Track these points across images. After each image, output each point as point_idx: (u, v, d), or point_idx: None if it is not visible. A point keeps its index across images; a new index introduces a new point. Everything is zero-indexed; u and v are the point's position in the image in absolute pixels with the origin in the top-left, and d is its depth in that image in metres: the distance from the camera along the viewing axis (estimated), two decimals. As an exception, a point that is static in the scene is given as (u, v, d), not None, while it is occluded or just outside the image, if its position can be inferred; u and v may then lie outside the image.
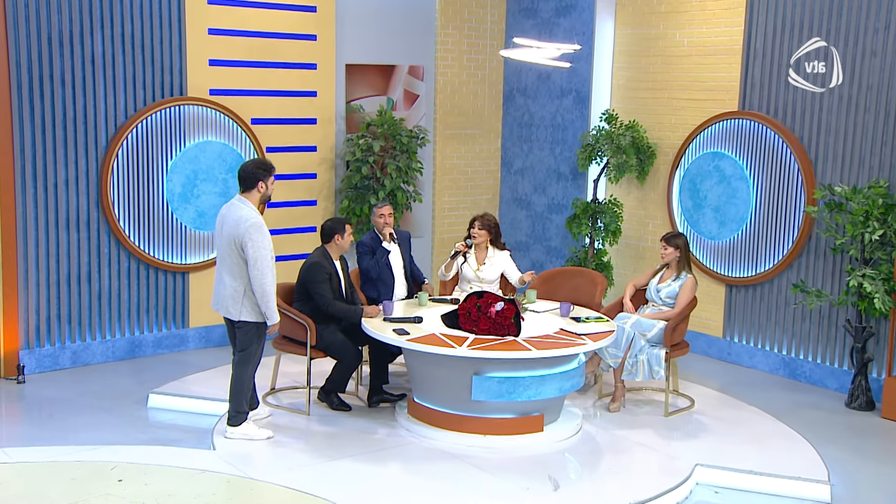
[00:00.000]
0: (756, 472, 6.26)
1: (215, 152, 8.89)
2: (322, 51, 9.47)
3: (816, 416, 7.68)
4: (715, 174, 9.08)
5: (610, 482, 6.15)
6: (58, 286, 8.28)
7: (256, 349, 6.53)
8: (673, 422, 7.25)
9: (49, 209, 8.16)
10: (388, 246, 7.71)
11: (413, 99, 10.29)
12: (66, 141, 8.16)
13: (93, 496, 5.46)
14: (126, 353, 8.73)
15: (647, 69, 9.68)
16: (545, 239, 10.68)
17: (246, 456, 6.35)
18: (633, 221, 9.88)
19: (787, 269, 8.63)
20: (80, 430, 6.91)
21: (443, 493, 5.86)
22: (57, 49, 8.00)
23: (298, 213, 9.54)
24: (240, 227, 6.25)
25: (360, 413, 7.23)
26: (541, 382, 6.56)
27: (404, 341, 6.54)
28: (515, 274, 8.01)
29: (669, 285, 7.58)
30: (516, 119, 10.88)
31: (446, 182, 10.67)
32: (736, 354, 9.07)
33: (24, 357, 8.17)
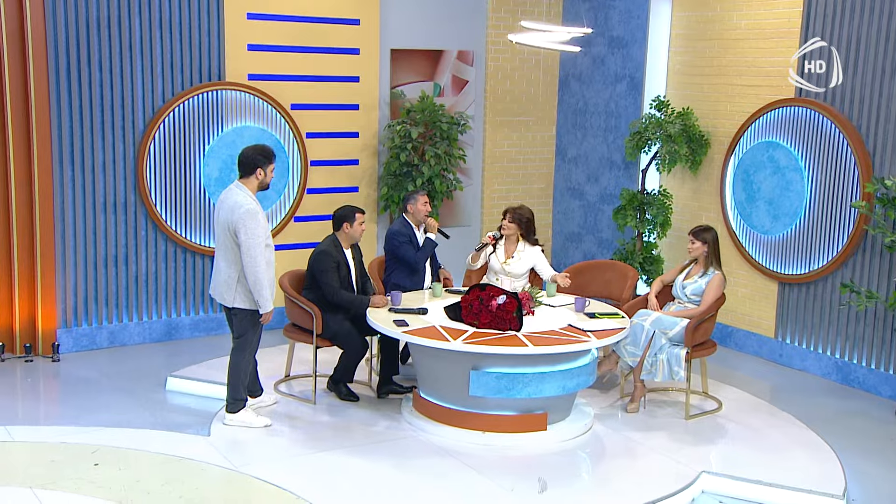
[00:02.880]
0: (764, 482, 5.88)
1: (253, 137, 8.87)
2: (365, 36, 9.35)
3: (860, 425, 7.20)
4: (769, 165, 8.60)
5: (601, 487, 5.87)
6: (95, 267, 8.42)
7: (252, 336, 6.48)
8: (692, 426, 6.88)
9: (87, 192, 8.29)
10: (434, 237, 7.55)
11: (462, 85, 10.09)
12: (103, 125, 8.27)
13: (64, 479, 5.49)
14: (163, 336, 8.82)
15: (703, 53, 9.23)
16: (597, 230, 10.34)
17: (237, 443, 6.31)
18: (687, 213, 9.45)
19: (842, 267, 8.11)
20: (94, 410, 7.00)
21: (422, 490, 5.68)
22: (95, 34, 8.10)
23: (340, 199, 9.43)
24: (234, 213, 6.19)
25: (367, 404, 7.11)
26: (541, 380, 6.31)
27: (400, 333, 6.38)
28: (548, 272, 7.72)
29: (696, 282, 7.20)
30: (571, 106, 10.55)
31: (496, 170, 10.43)
32: (787, 356, 8.59)
33: (61, 336, 8.34)
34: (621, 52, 9.86)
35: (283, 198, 9.13)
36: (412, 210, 7.55)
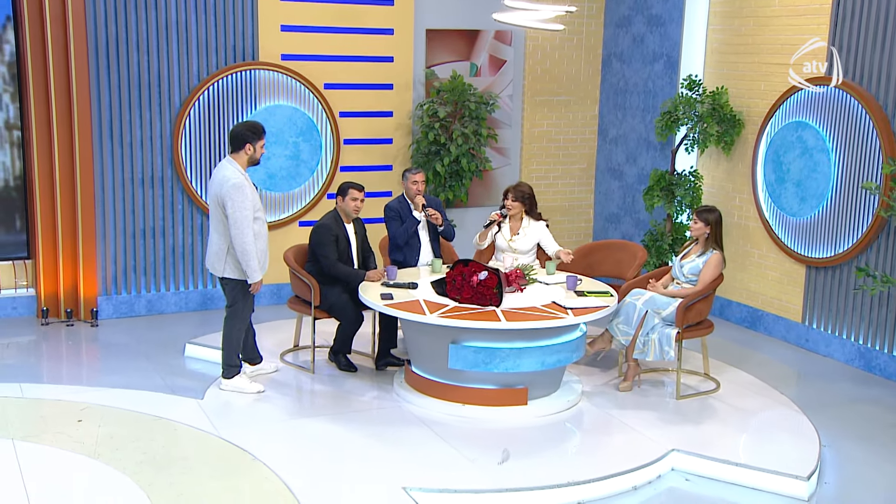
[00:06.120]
0: (732, 462, 5.83)
1: (286, 116, 9.16)
2: (400, 16, 9.51)
3: (868, 412, 7.03)
4: (798, 145, 8.40)
5: (561, 460, 5.91)
6: (133, 239, 8.86)
7: (243, 305, 6.74)
8: (681, 405, 6.84)
9: (125, 167, 8.72)
10: (418, 216, 7.69)
11: (499, 65, 10.14)
12: (140, 103, 8.68)
13: (47, 432, 5.88)
14: (198, 305, 9.22)
15: (738, 31, 9.05)
16: (634, 211, 10.26)
17: (225, 406, 6.60)
18: (722, 195, 9.30)
19: (866, 251, 7.88)
20: (110, 372, 7.41)
21: (383, 458, 5.83)
22: (132, 15, 8.50)
23: (375, 177, 9.66)
24: (223, 186, 6.46)
25: (363, 375, 7.31)
26: (518, 355, 6.38)
27: (382, 305, 6.55)
28: (552, 246, 7.76)
29: (693, 261, 7.13)
30: (612, 85, 10.48)
31: (534, 150, 10.45)
32: (813, 342, 8.40)
33: (101, 303, 8.83)
34: (659, 31, 9.75)
35: (315, 174, 9.39)
36: (405, 187, 7.70)
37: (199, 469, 5.52)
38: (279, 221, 9.26)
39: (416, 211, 7.70)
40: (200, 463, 5.61)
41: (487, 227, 7.82)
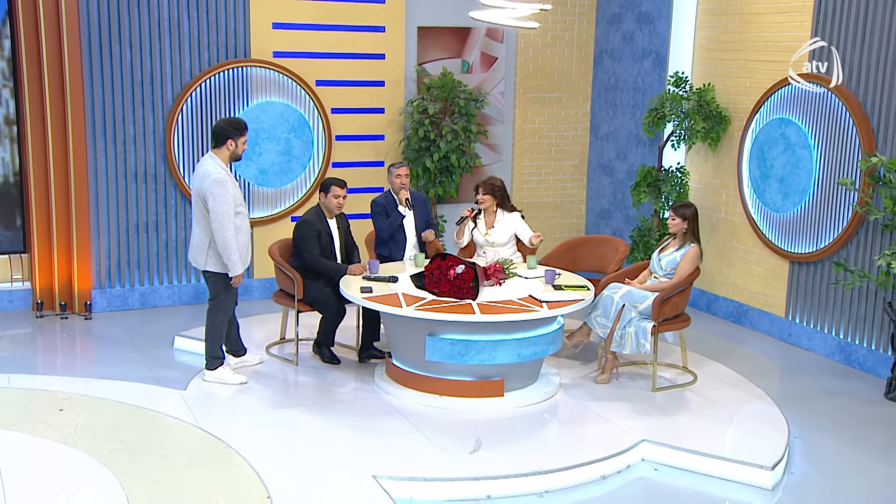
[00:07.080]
0: (700, 452, 5.92)
1: (277, 112, 9.29)
2: (391, 13, 9.62)
3: (843, 405, 7.11)
4: (781, 142, 8.48)
5: (532, 448, 6.01)
6: (127, 233, 9.01)
7: (225, 298, 6.88)
8: (657, 398, 6.93)
9: (118, 163, 8.88)
10: (403, 211, 7.80)
11: (491, 61, 10.24)
12: (133, 99, 8.83)
13: (28, 421, 6.03)
14: (191, 299, 9.37)
15: (725, 28, 9.12)
16: (625, 207, 10.35)
17: (208, 397, 6.74)
18: (708, 191, 9.39)
19: (847, 246, 7.95)
20: (100, 364, 7.57)
21: (355, 447, 5.95)
22: (125, 13, 8.65)
23: (366, 173, 9.78)
24: (204, 181, 6.59)
25: (346, 368, 7.43)
26: (494, 347, 6.49)
27: (361, 298, 6.67)
28: (527, 234, 7.88)
29: (671, 254, 7.23)
30: (604, 82, 10.57)
31: (526, 146, 10.55)
32: (796, 336, 8.48)
33: (96, 296, 8.99)
34: (648, 28, 9.84)
35: (307, 170, 9.52)
36: (389, 182, 7.82)
37: (174, 457, 5.65)
38: (271, 217, 9.40)
39: (400, 206, 7.81)
40: (176, 451, 5.74)
41: (460, 223, 7.93)
